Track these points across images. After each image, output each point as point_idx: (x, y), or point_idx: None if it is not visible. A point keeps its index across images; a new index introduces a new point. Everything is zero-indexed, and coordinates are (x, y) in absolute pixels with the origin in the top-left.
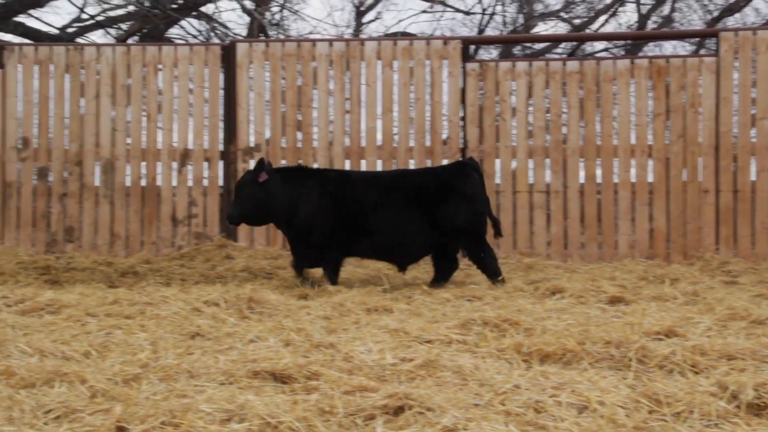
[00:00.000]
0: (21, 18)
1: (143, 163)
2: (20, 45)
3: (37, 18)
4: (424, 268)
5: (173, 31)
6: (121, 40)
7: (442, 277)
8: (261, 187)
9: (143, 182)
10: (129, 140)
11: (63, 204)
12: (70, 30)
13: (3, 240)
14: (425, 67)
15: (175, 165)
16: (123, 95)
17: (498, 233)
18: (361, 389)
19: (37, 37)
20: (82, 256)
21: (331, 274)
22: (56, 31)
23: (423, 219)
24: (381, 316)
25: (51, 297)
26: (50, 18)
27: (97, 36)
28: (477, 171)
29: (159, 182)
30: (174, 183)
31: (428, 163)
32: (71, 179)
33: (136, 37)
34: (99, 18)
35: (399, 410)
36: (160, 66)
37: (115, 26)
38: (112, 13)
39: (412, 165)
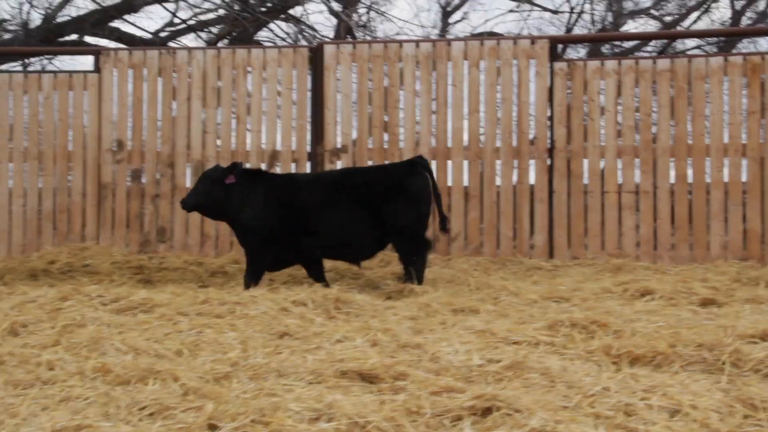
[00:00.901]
0: (116, 23)
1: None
2: (115, 50)
3: (131, 23)
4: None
5: (262, 34)
6: (211, 43)
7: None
8: (223, 187)
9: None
10: (219, 142)
11: (155, 205)
12: (162, 34)
13: (99, 240)
14: (512, 67)
15: (263, 166)
16: (213, 98)
17: (444, 229)
18: (448, 390)
19: (132, 41)
20: (174, 256)
21: (253, 274)
22: (149, 36)
23: (370, 217)
24: (467, 317)
25: (144, 296)
26: (144, 23)
27: (188, 40)
28: (427, 170)
29: None
30: None
31: (515, 164)
32: (163, 181)
33: (226, 41)
34: (190, 22)
35: (486, 411)
36: (249, 68)
37: (206, 30)
38: (203, 17)
39: (499, 165)
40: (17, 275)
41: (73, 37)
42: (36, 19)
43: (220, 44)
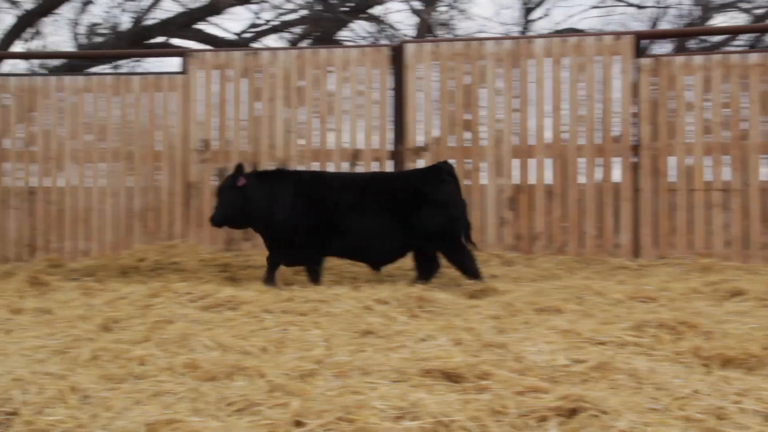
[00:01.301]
0: (201, 25)
1: (315, 164)
2: (201, 51)
3: (216, 25)
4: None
5: (344, 34)
6: (294, 43)
7: (423, 277)
8: (240, 192)
9: None
10: (301, 141)
11: None
12: (246, 35)
13: (186, 238)
14: (596, 64)
15: (345, 165)
16: (296, 97)
17: (467, 237)
18: (533, 390)
19: (216, 43)
20: (259, 254)
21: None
22: (234, 37)
23: (397, 223)
24: (551, 317)
25: (230, 294)
26: (228, 24)
27: (271, 40)
28: (452, 175)
29: None
30: None
31: (599, 162)
32: None
33: (308, 41)
34: (273, 23)
35: (572, 412)
36: (331, 68)
37: (289, 30)
38: (285, 18)
39: (582, 163)
40: (109, 272)
41: (161, 39)
42: (125, 22)
43: (302, 44)
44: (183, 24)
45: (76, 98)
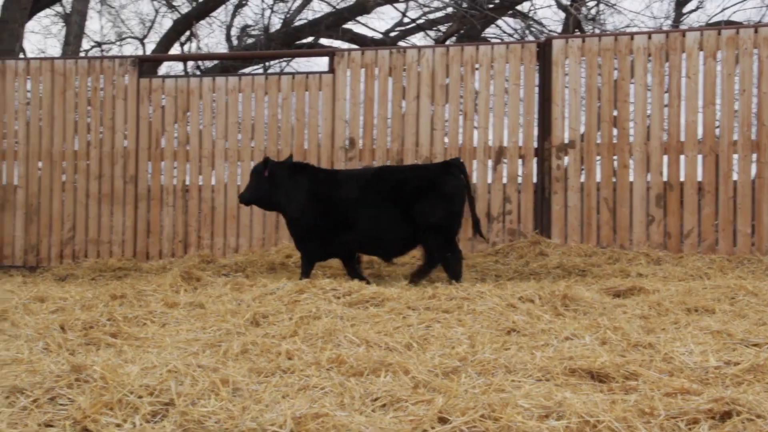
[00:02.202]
0: (349, 25)
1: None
2: (348, 50)
3: (363, 24)
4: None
5: (489, 31)
6: (440, 41)
7: (428, 267)
8: (267, 179)
9: None
10: (446, 139)
11: None
12: (393, 34)
13: None
14: (752, 57)
15: (490, 162)
16: (441, 95)
17: (478, 232)
18: (682, 392)
19: (363, 42)
20: None
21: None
22: (380, 36)
23: (404, 215)
24: (702, 317)
25: (375, 290)
26: (375, 23)
27: (417, 39)
28: (462, 171)
29: (474, 179)
30: (489, 180)
31: (753, 158)
32: None
33: (454, 38)
34: (420, 21)
35: (725, 416)
36: (476, 65)
37: (435, 28)
38: (431, 16)
39: (735, 160)
40: (257, 268)
41: (309, 39)
42: (276, 24)
43: (448, 42)
44: (331, 24)
45: (228, 98)
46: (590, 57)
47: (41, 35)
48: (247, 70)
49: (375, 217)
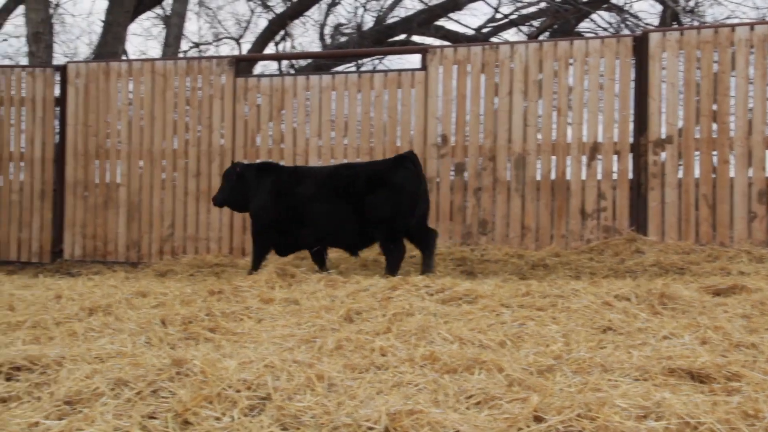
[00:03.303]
0: (441, 21)
1: (553, 158)
2: (441, 47)
3: (455, 20)
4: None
5: (584, 25)
6: (532, 37)
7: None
8: (238, 180)
9: (553, 176)
10: (539, 135)
11: (477, 198)
12: (485, 30)
13: None
14: None
15: (584, 159)
16: (534, 91)
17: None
18: None
19: (455, 38)
20: (495, 248)
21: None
22: (472, 32)
23: (356, 209)
24: None
25: (468, 287)
26: (467, 20)
27: (509, 34)
28: (414, 164)
29: (568, 176)
30: (583, 176)
31: None
32: (485, 174)
33: (547, 33)
34: (512, 17)
35: None
36: (570, 60)
37: (528, 24)
38: (524, 11)
39: None
40: (351, 265)
41: (402, 37)
42: (368, 21)
43: (541, 37)
44: (424, 21)
45: (321, 96)
46: (689, 50)
47: (143, 37)
48: (340, 68)
49: (331, 213)
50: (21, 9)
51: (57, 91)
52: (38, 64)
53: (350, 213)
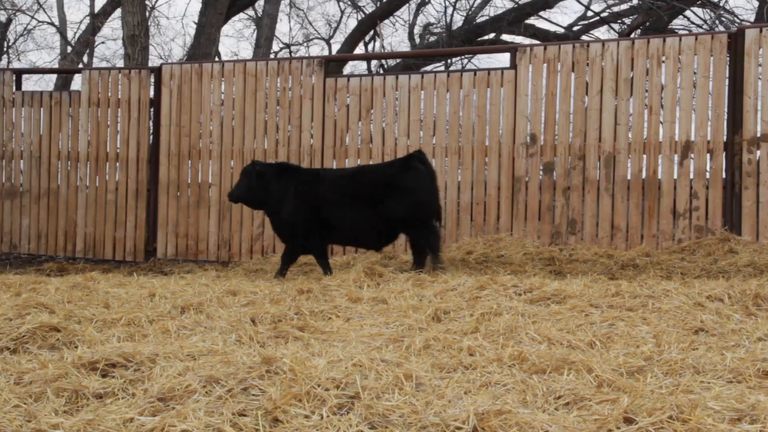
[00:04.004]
0: (531, 20)
1: (644, 156)
2: (531, 46)
3: (545, 19)
4: None
5: (677, 22)
6: (624, 34)
7: (418, 259)
8: (257, 179)
9: (643, 175)
10: (630, 134)
11: (566, 197)
12: (575, 28)
13: (512, 231)
14: None
15: (676, 157)
16: (625, 89)
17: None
18: None
19: (545, 37)
20: (584, 247)
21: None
22: (562, 30)
23: (374, 211)
24: None
25: (556, 287)
26: (557, 18)
27: (601, 32)
28: (423, 163)
29: (660, 175)
30: (675, 175)
31: None
32: (574, 173)
33: (638, 31)
34: (603, 14)
35: None
36: (663, 58)
37: (619, 21)
38: (616, 9)
39: None
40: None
41: (491, 36)
42: (458, 21)
43: (633, 35)
44: (513, 20)
45: (410, 96)
46: None
47: (234, 38)
48: (428, 68)
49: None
50: (118, 12)
51: (152, 93)
52: (134, 66)
53: (371, 215)
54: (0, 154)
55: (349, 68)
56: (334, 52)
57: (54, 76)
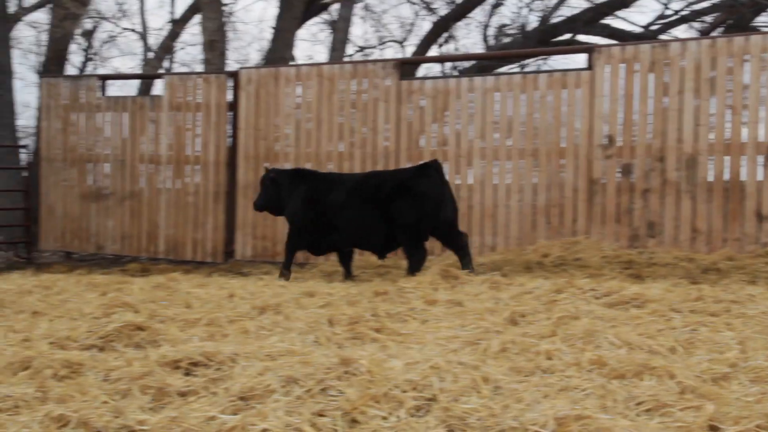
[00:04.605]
0: (607, 20)
1: (726, 158)
2: (608, 46)
3: (622, 18)
4: None
5: (760, 19)
6: (704, 33)
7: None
8: (273, 185)
9: (726, 177)
10: (711, 135)
11: (645, 199)
12: (653, 27)
13: (589, 234)
14: None
15: (760, 159)
16: (706, 89)
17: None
18: None
19: (622, 37)
20: (664, 251)
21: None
22: (640, 30)
23: (382, 214)
24: None
25: (635, 291)
26: (635, 17)
27: (680, 31)
28: (438, 172)
29: (743, 177)
30: (759, 177)
31: None
32: (653, 175)
33: (720, 29)
34: (683, 12)
35: None
36: (746, 56)
37: (699, 20)
38: (696, 7)
39: None
40: (514, 267)
41: (567, 36)
42: (533, 21)
43: (714, 33)
44: (589, 20)
45: (485, 98)
46: None
47: (310, 42)
48: (503, 70)
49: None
50: (197, 18)
51: (230, 97)
52: (212, 71)
53: (379, 218)
54: (86, 158)
55: (423, 70)
56: (408, 55)
57: (137, 81)
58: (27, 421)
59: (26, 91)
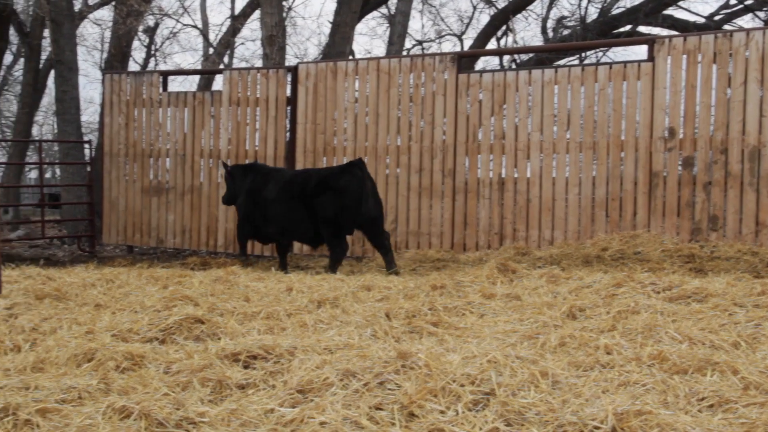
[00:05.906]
0: (669, 11)
1: None
2: (669, 37)
3: (684, 9)
4: None
5: None
6: None
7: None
8: (231, 180)
9: None
10: None
11: (707, 192)
12: (717, 17)
13: (649, 228)
14: None
15: None
16: None
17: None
18: None
19: (684, 27)
20: (726, 245)
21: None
22: (703, 20)
23: (307, 209)
24: None
25: (697, 285)
26: (698, 7)
27: (744, 21)
28: (361, 170)
29: None
30: None
31: None
32: (716, 167)
33: None
34: (748, 2)
35: None
36: None
37: (765, 9)
38: None
39: None
40: (573, 261)
41: (627, 27)
42: (592, 13)
43: None
44: (651, 11)
45: (543, 91)
46: None
47: (368, 36)
48: (562, 62)
49: (288, 212)
50: (257, 14)
51: (288, 91)
52: (271, 66)
53: (305, 213)
54: (148, 153)
55: (481, 64)
56: (466, 48)
57: (197, 77)
58: (90, 412)
59: (90, 87)
